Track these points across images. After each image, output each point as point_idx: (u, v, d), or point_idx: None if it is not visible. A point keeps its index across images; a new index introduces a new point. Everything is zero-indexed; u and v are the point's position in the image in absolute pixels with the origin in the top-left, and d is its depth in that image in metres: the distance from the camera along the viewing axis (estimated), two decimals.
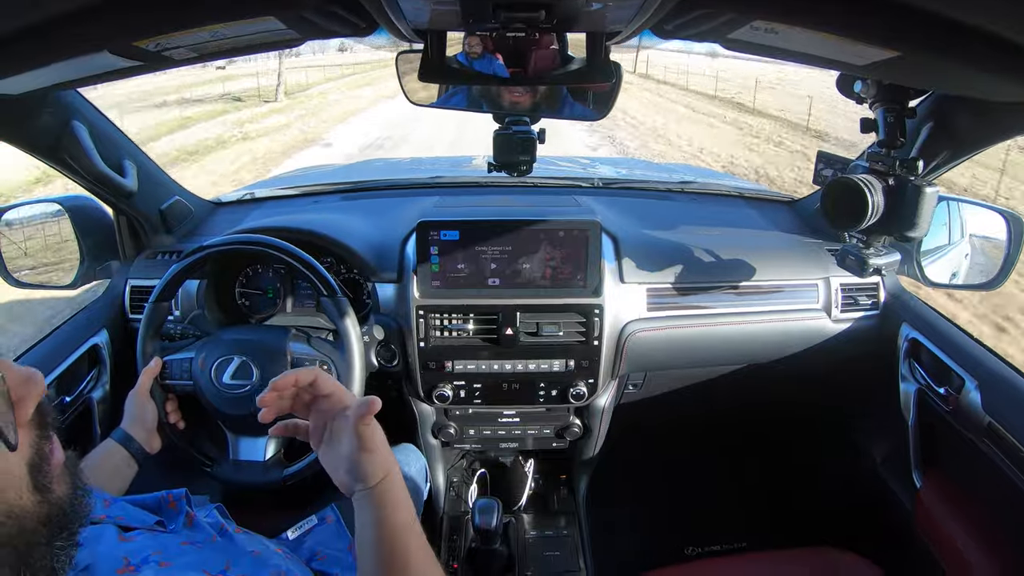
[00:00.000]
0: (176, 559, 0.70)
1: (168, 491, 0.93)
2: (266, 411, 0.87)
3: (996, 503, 1.30)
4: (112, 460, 1.19)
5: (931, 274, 1.55)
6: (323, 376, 0.90)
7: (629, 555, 1.97)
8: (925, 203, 1.16)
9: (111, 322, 1.59)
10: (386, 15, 0.77)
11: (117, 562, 0.66)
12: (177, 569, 0.69)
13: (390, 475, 0.87)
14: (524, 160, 1.31)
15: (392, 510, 0.84)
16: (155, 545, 0.72)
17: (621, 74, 1.12)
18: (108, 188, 1.51)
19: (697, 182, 2.25)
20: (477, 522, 1.41)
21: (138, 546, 0.71)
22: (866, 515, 1.74)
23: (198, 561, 0.71)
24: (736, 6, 0.71)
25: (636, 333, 1.56)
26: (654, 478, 2.25)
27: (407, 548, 0.82)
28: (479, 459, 2.01)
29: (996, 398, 1.25)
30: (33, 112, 1.26)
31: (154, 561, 0.68)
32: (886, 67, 0.80)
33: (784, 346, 1.66)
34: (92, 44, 0.75)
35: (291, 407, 0.91)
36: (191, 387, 1.32)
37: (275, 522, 1.27)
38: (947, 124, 1.30)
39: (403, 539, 0.83)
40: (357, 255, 1.57)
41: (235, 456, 1.35)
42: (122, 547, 0.70)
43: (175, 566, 0.69)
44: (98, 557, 0.66)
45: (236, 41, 0.86)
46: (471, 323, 1.53)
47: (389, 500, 0.85)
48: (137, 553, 0.69)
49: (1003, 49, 0.60)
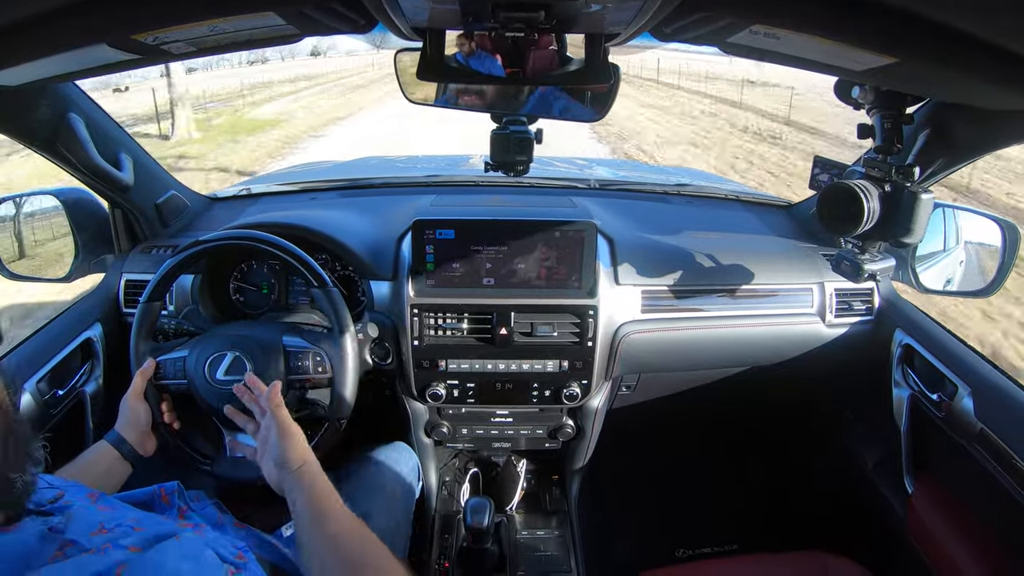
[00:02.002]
0: (152, 528, 0.70)
1: (160, 485, 0.93)
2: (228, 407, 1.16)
3: (987, 509, 1.31)
4: (104, 461, 1.19)
5: (925, 280, 1.55)
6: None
7: (620, 556, 1.97)
8: (921, 209, 1.16)
9: (105, 316, 1.59)
10: (385, 12, 0.77)
11: (92, 526, 0.67)
12: (150, 524, 0.71)
13: (308, 463, 1.03)
14: (521, 160, 1.31)
15: (320, 491, 0.98)
16: (132, 515, 0.72)
17: (619, 75, 1.12)
18: (104, 181, 1.51)
19: (693, 185, 2.25)
20: (469, 521, 1.41)
21: (114, 516, 0.71)
22: (858, 519, 1.75)
23: (171, 528, 0.71)
24: (735, 10, 0.71)
25: (630, 335, 1.56)
26: (646, 480, 2.25)
27: (339, 521, 0.93)
28: (472, 458, 2.01)
29: (988, 405, 1.26)
30: (30, 104, 1.26)
31: (128, 525, 0.68)
32: (884, 73, 0.81)
33: (778, 350, 1.66)
34: (90, 37, 0.74)
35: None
36: (185, 386, 1.32)
37: (270, 519, 1.27)
38: (944, 131, 1.31)
39: (335, 515, 0.94)
40: (352, 252, 1.57)
41: (231, 453, 1.34)
42: (99, 514, 0.70)
43: (147, 529, 0.69)
44: (73, 519, 0.67)
45: (235, 36, 0.86)
46: (465, 322, 1.53)
47: (316, 483, 0.99)
48: (112, 520, 0.69)
49: (1001, 58, 0.60)
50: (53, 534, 0.63)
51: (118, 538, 0.65)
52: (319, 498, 0.96)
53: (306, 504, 0.95)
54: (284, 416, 1.08)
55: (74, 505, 0.70)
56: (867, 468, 1.70)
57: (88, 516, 0.69)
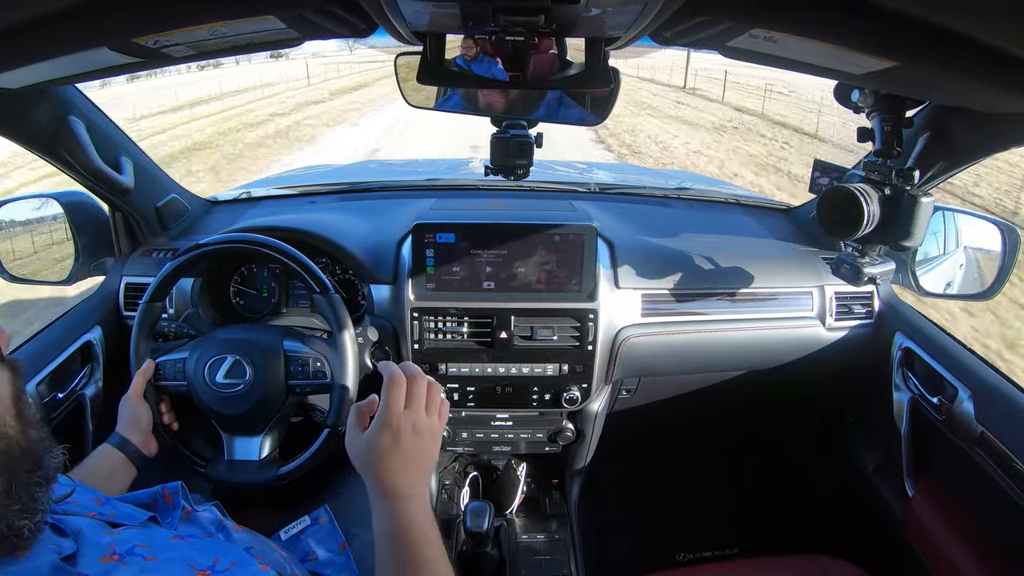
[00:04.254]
0: (162, 553, 0.69)
1: (164, 485, 0.93)
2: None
3: (987, 512, 1.31)
4: (108, 463, 1.19)
5: (925, 284, 1.55)
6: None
7: (620, 560, 1.96)
8: (920, 213, 1.16)
9: (105, 319, 1.59)
10: (385, 16, 0.77)
11: (102, 550, 0.66)
12: (163, 563, 0.68)
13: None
14: (521, 164, 1.31)
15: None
16: (142, 538, 0.71)
17: (619, 79, 1.12)
18: (104, 184, 1.51)
19: (694, 188, 2.26)
20: (469, 525, 1.41)
21: (124, 538, 0.70)
22: (858, 523, 1.75)
23: (185, 556, 0.71)
24: (735, 14, 0.71)
25: (630, 339, 1.56)
26: (646, 483, 2.25)
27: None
28: (471, 462, 2.00)
29: (989, 408, 1.25)
30: (31, 107, 1.26)
31: (140, 554, 0.67)
32: (883, 77, 0.81)
33: (778, 354, 1.66)
34: (91, 40, 0.74)
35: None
36: (185, 387, 1.32)
37: (268, 522, 1.27)
38: (944, 135, 1.31)
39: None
40: (352, 256, 1.57)
41: (229, 456, 1.34)
42: (108, 537, 0.70)
43: (161, 560, 0.68)
44: (84, 544, 0.66)
45: (235, 40, 0.86)
46: (465, 326, 1.53)
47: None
48: (123, 543, 0.68)
49: (1000, 61, 0.60)
50: (64, 565, 0.62)
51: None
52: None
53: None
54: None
55: (90, 527, 0.70)
56: (867, 471, 1.70)
57: (98, 539, 0.69)
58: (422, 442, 0.90)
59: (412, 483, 0.88)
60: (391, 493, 0.87)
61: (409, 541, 0.84)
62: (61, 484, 0.77)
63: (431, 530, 0.87)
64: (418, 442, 0.89)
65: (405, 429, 0.88)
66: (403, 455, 0.87)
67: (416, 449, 0.89)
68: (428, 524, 0.87)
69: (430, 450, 0.92)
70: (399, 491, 0.87)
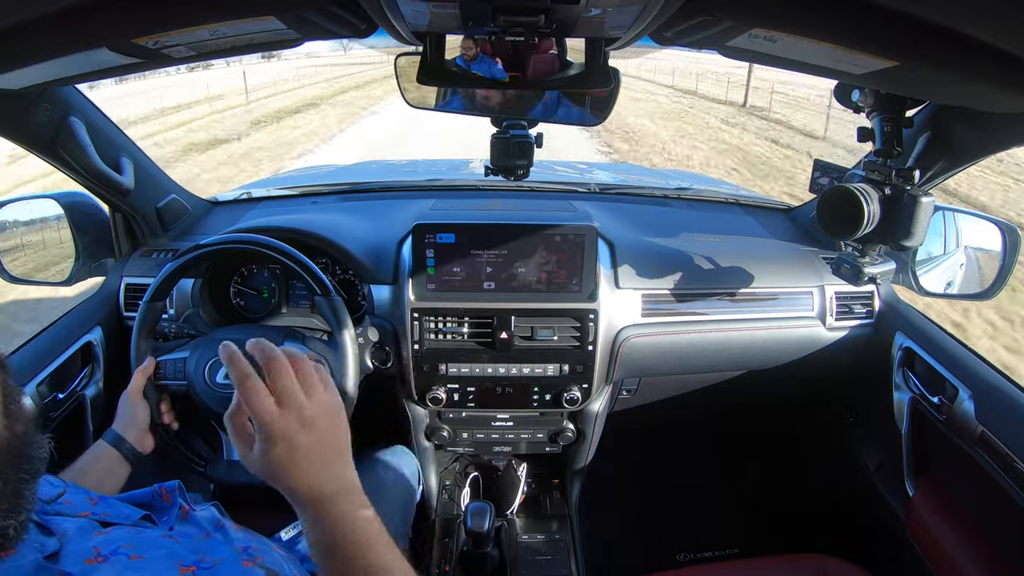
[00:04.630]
0: (148, 552, 0.68)
1: (161, 483, 0.92)
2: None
3: (988, 512, 1.31)
4: (104, 462, 1.18)
5: (926, 283, 1.55)
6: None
7: (621, 560, 1.96)
8: (921, 213, 1.16)
9: (105, 319, 1.59)
10: (385, 17, 0.77)
11: (87, 552, 0.66)
12: (148, 561, 0.67)
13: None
14: (521, 164, 1.31)
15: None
16: (128, 538, 0.70)
17: (619, 79, 1.12)
18: (105, 185, 1.51)
19: (694, 188, 2.26)
20: (469, 525, 1.41)
21: (111, 538, 0.70)
22: (859, 522, 1.75)
23: (171, 553, 0.70)
24: (735, 15, 0.71)
25: (630, 339, 1.56)
26: (647, 484, 2.25)
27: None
28: (472, 462, 2.00)
29: (989, 408, 1.25)
30: (31, 107, 1.26)
31: (124, 553, 0.67)
32: (883, 77, 0.81)
33: (778, 354, 1.66)
34: (91, 40, 0.75)
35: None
36: (185, 387, 1.32)
37: (268, 523, 1.26)
38: (944, 134, 1.31)
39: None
40: (352, 256, 1.57)
41: (228, 456, 1.34)
42: (95, 539, 0.69)
43: (146, 558, 0.67)
44: (68, 544, 0.66)
45: (236, 40, 0.86)
46: (466, 326, 1.53)
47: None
48: (108, 544, 0.68)
49: (1000, 60, 0.60)
50: (48, 563, 0.62)
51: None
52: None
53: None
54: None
55: (68, 528, 0.69)
56: (868, 471, 1.70)
57: (83, 540, 0.68)
58: (319, 432, 0.78)
59: (332, 475, 0.79)
60: (316, 497, 0.77)
61: (355, 548, 0.75)
62: (53, 485, 0.77)
63: (375, 527, 0.78)
64: (315, 434, 0.77)
65: (293, 430, 0.76)
66: (307, 456, 0.77)
67: (318, 442, 0.78)
68: (368, 522, 0.78)
69: (335, 432, 0.81)
70: (324, 491, 0.77)
